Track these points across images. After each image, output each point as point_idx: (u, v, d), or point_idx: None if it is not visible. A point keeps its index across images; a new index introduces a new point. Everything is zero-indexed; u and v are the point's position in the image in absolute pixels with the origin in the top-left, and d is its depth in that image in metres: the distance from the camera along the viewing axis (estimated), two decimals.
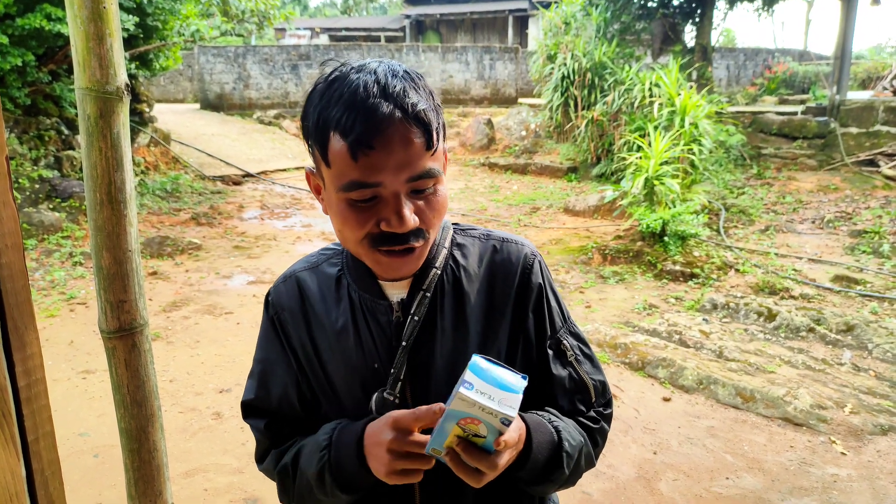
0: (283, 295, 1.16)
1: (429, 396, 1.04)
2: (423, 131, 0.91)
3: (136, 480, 1.29)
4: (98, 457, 3.40)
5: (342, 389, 1.09)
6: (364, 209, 0.93)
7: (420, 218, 0.94)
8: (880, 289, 5.93)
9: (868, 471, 3.27)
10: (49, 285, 6.05)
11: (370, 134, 0.87)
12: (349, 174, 0.90)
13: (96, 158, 1.09)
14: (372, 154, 0.88)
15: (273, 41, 25.54)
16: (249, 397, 1.17)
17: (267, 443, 1.16)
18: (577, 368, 1.13)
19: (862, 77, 17.70)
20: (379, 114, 0.87)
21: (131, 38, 8.82)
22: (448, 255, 1.10)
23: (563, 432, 1.04)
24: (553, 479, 1.03)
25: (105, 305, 1.18)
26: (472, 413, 0.82)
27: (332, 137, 0.91)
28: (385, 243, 0.94)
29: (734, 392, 4.01)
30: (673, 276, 6.44)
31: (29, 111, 8.22)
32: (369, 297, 1.07)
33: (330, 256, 1.16)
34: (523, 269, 1.11)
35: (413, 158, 0.90)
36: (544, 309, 1.12)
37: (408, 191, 0.92)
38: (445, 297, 1.08)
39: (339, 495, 1.02)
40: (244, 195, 10.71)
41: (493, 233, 1.17)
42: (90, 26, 1.02)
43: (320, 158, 0.95)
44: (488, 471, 0.88)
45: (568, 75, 12.11)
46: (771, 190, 9.89)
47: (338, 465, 1.01)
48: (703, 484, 3.19)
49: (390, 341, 1.06)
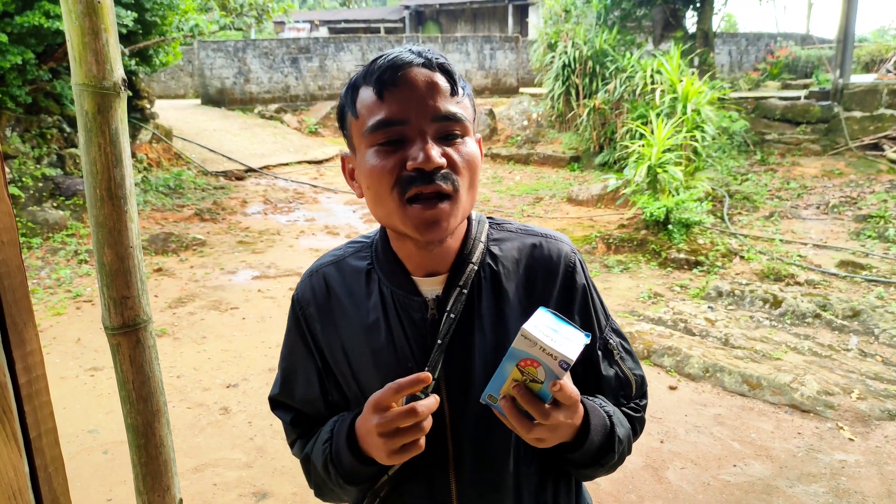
0: (309, 290, 1.12)
1: (466, 398, 1.01)
2: (447, 77, 0.94)
3: (143, 476, 1.29)
4: (107, 453, 3.42)
5: (370, 388, 1.03)
6: (391, 153, 0.92)
7: (448, 161, 0.92)
8: (886, 273, 5.90)
9: (876, 456, 3.27)
10: (55, 283, 6.07)
11: (394, 72, 0.91)
12: (376, 114, 0.92)
13: (95, 155, 1.09)
14: (397, 91, 0.91)
15: (273, 35, 25.48)
16: (275, 393, 1.17)
17: (294, 434, 1.16)
18: (622, 366, 1.12)
19: (865, 60, 17.57)
20: (402, 58, 0.92)
21: (130, 33, 8.80)
22: (485, 251, 1.07)
23: (615, 418, 1.05)
24: (603, 463, 1.03)
25: (108, 302, 1.18)
26: (533, 353, 0.83)
27: (361, 90, 0.95)
28: (413, 184, 0.91)
29: (740, 379, 4.01)
30: (677, 265, 6.42)
31: (30, 109, 8.22)
32: (402, 292, 1.03)
33: (358, 249, 1.12)
34: (566, 268, 1.09)
35: (438, 97, 0.92)
36: (590, 310, 1.10)
37: (434, 133, 0.92)
38: (483, 294, 1.04)
39: (345, 486, 1.02)
40: (247, 190, 10.71)
41: (531, 228, 1.14)
42: (85, 21, 1.01)
43: (351, 117, 0.97)
44: (541, 418, 0.87)
45: (569, 64, 12.05)
46: (775, 176, 9.84)
47: (337, 458, 1.01)
48: (710, 472, 3.19)
49: (425, 339, 1.02)
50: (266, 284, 6.19)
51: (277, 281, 6.30)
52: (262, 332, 5.04)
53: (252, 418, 3.77)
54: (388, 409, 0.89)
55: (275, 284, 6.19)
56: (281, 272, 6.57)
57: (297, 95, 17.67)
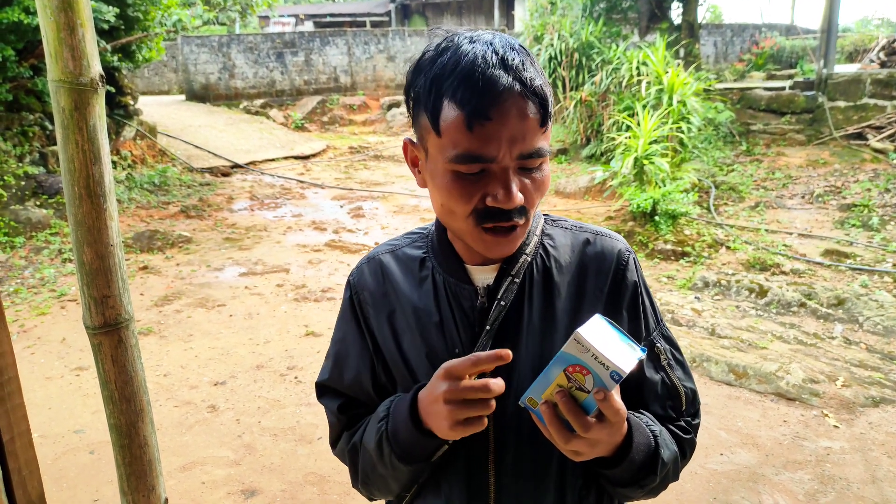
0: (365, 275, 1.13)
1: (510, 387, 0.98)
2: (540, 107, 0.89)
3: (127, 476, 1.28)
4: (94, 453, 3.40)
5: (419, 372, 1.05)
6: (471, 182, 0.90)
7: (524, 196, 0.91)
8: (870, 262, 5.96)
9: (861, 442, 3.31)
10: (39, 283, 6.01)
11: (488, 104, 0.85)
12: (462, 144, 0.88)
13: (73, 152, 1.07)
14: (488, 125, 0.86)
15: (257, 29, 25.29)
16: (324, 378, 1.17)
17: (339, 426, 1.15)
18: (670, 374, 1.09)
19: (849, 50, 17.71)
20: (499, 85, 0.85)
21: (112, 29, 8.70)
22: (538, 244, 1.08)
23: (660, 438, 1.02)
24: (643, 485, 1.01)
25: (89, 301, 1.16)
26: (583, 360, 0.80)
27: (447, 105, 0.88)
28: (490, 219, 0.91)
29: (727, 369, 4.04)
30: (664, 256, 6.46)
31: (11, 107, 8.11)
32: (454, 280, 1.05)
33: (415, 240, 1.14)
34: (617, 265, 1.08)
35: (527, 134, 0.88)
36: (639, 309, 1.08)
37: (516, 167, 0.90)
38: (534, 286, 1.04)
39: (398, 466, 1.00)
40: (233, 186, 10.64)
41: (585, 225, 1.14)
42: (60, 16, 0.99)
43: (429, 127, 0.92)
44: (581, 431, 0.85)
45: (555, 56, 12.04)
46: (760, 166, 9.91)
47: (394, 434, 0.99)
48: (697, 461, 3.22)
49: (473, 327, 1.03)
50: (253, 281, 6.16)
51: (264, 277, 6.27)
52: (250, 329, 5.02)
53: (240, 416, 3.76)
54: (460, 379, 0.88)
55: (262, 281, 6.17)
56: (268, 268, 6.54)
57: (282, 90, 17.55)
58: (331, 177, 11.64)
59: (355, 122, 17.00)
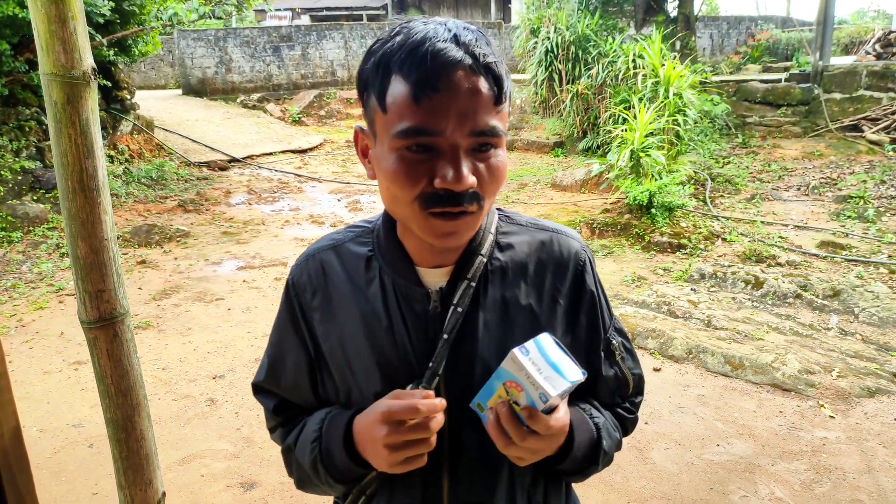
0: (305, 275, 1.06)
1: (467, 394, 0.97)
2: (494, 82, 0.84)
3: (125, 470, 1.29)
4: (93, 447, 3.40)
5: (365, 380, 1.00)
6: (418, 162, 0.84)
7: (478, 180, 0.85)
8: (865, 253, 5.98)
9: (856, 433, 3.33)
10: (37, 277, 6.01)
11: (436, 75, 0.80)
12: (408, 118, 0.82)
13: (66, 146, 1.07)
14: (436, 97, 0.80)
15: (254, 23, 25.18)
16: (259, 379, 1.13)
17: (274, 422, 1.13)
18: (622, 366, 1.11)
19: (845, 42, 17.68)
20: (448, 56, 0.80)
21: (108, 23, 8.66)
22: (494, 243, 1.02)
23: (603, 430, 1.04)
24: (586, 473, 1.04)
25: (83, 296, 1.17)
26: (518, 377, 0.82)
27: (394, 80, 0.83)
28: (439, 204, 0.84)
29: (723, 360, 4.05)
30: (661, 248, 6.46)
31: (7, 102, 8.08)
32: (404, 282, 0.98)
33: (358, 234, 1.07)
34: (576, 266, 1.05)
35: (479, 109, 0.82)
36: (598, 311, 1.08)
37: (468, 147, 0.84)
38: (490, 288, 1.00)
39: (335, 485, 1.00)
40: (231, 180, 10.62)
41: (541, 222, 1.10)
42: (51, 8, 0.99)
43: (376, 105, 0.86)
44: (517, 440, 0.86)
45: (552, 49, 12.02)
46: (756, 158, 9.91)
47: (328, 458, 0.98)
48: (694, 452, 3.23)
49: (426, 333, 0.97)
50: (251, 275, 6.16)
51: (262, 271, 6.27)
52: (248, 323, 5.02)
53: (239, 409, 3.77)
54: (402, 424, 0.86)
55: (260, 275, 6.17)
56: (266, 262, 6.54)
57: (279, 84, 17.50)
58: (328, 170, 11.63)
59: (352, 116, 16.96)
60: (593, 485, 2.99)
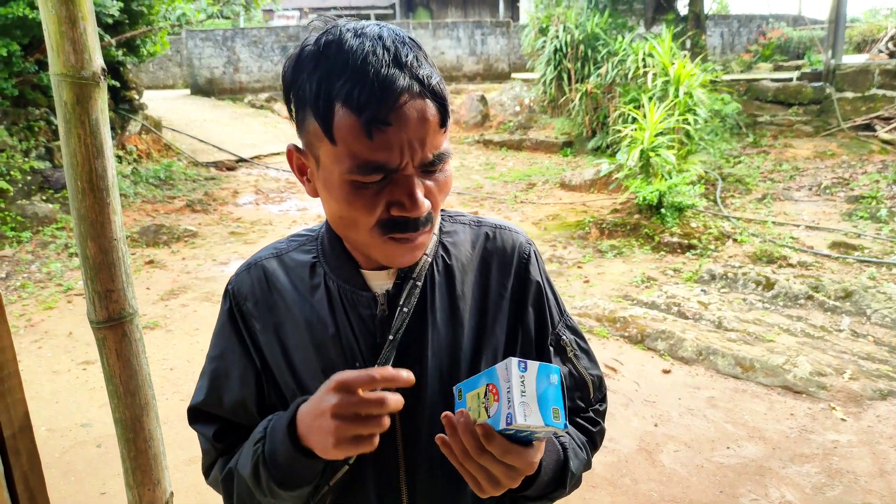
0: (247, 284, 1.02)
1: (419, 398, 0.95)
2: (439, 107, 0.83)
3: (133, 470, 1.29)
4: (101, 447, 3.41)
5: (312, 389, 0.90)
6: (373, 192, 0.83)
7: (430, 200, 0.85)
8: (878, 254, 5.92)
9: (868, 436, 3.29)
10: (46, 277, 6.03)
11: (387, 109, 0.78)
12: (362, 154, 0.80)
13: (76, 146, 1.07)
14: (388, 131, 0.79)
15: (261, 23, 25.25)
16: (198, 400, 1.04)
17: (215, 453, 1.03)
18: (577, 364, 1.07)
19: (857, 40, 17.54)
20: (396, 86, 0.78)
21: (117, 23, 8.70)
22: (438, 242, 1.02)
23: (570, 450, 0.98)
24: (552, 498, 0.98)
25: (93, 295, 1.16)
26: (500, 386, 0.78)
27: (340, 110, 0.79)
28: (397, 230, 0.85)
29: (734, 362, 4.02)
30: (671, 248, 6.43)
31: (17, 102, 8.13)
32: (349, 287, 0.96)
33: (302, 243, 1.04)
34: (519, 259, 1.04)
35: (428, 136, 0.82)
36: (544, 303, 1.05)
37: (420, 171, 0.84)
38: (436, 287, 0.99)
39: (278, 493, 0.88)
40: (238, 180, 10.65)
41: (484, 219, 1.09)
42: (61, 9, 0.99)
43: (321, 135, 0.83)
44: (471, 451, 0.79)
45: (560, 48, 11.99)
46: (767, 158, 9.85)
47: (272, 456, 0.88)
48: (704, 454, 3.21)
49: (374, 337, 0.95)
50: None
51: None
52: None
53: None
54: (353, 393, 0.78)
55: None
56: None
57: None
58: None
59: None
60: (602, 486, 2.97)
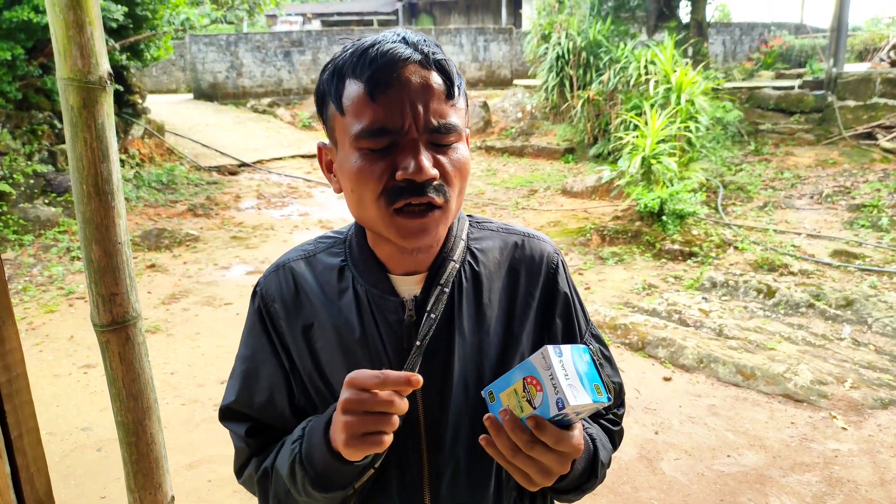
0: (275, 285, 1.04)
1: (443, 404, 0.96)
2: (444, 78, 0.87)
3: (134, 473, 1.29)
4: (101, 451, 3.41)
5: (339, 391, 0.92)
6: (379, 158, 0.85)
7: (441, 172, 0.86)
8: (879, 263, 5.92)
9: (869, 445, 3.29)
10: (47, 281, 6.04)
11: (388, 72, 0.83)
12: (366, 116, 0.84)
13: (81, 150, 1.07)
14: (390, 93, 0.83)
15: (265, 28, 25.34)
16: (230, 400, 1.05)
17: (248, 451, 1.05)
18: (601, 373, 1.09)
19: (859, 49, 17.59)
20: (397, 55, 0.84)
21: (121, 28, 8.73)
22: (465, 249, 1.02)
23: (598, 441, 1.00)
24: (585, 489, 0.99)
25: (97, 299, 1.17)
26: (541, 376, 0.79)
27: (348, 83, 0.86)
28: (402, 196, 0.85)
29: (734, 370, 4.02)
30: (672, 256, 6.43)
31: (21, 105, 8.15)
32: (377, 292, 0.97)
33: (329, 245, 1.05)
34: (548, 269, 1.05)
35: (431, 102, 0.85)
36: (572, 314, 1.06)
37: (427, 141, 0.86)
38: (464, 294, 0.99)
39: (312, 493, 0.90)
40: (240, 185, 10.67)
41: (512, 227, 1.09)
42: (69, 14, 1.00)
43: (334, 111, 0.89)
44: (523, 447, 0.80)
45: (563, 55, 12.02)
46: (769, 166, 9.86)
47: (309, 457, 0.90)
48: (704, 462, 3.20)
49: (401, 342, 0.96)
50: None
51: None
52: None
53: None
54: (364, 391, 0.80)
55: None
56: None
57: (290, 89, 17.58)
58: None
59: None
60: (602, 494, 2.97)
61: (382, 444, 0.80)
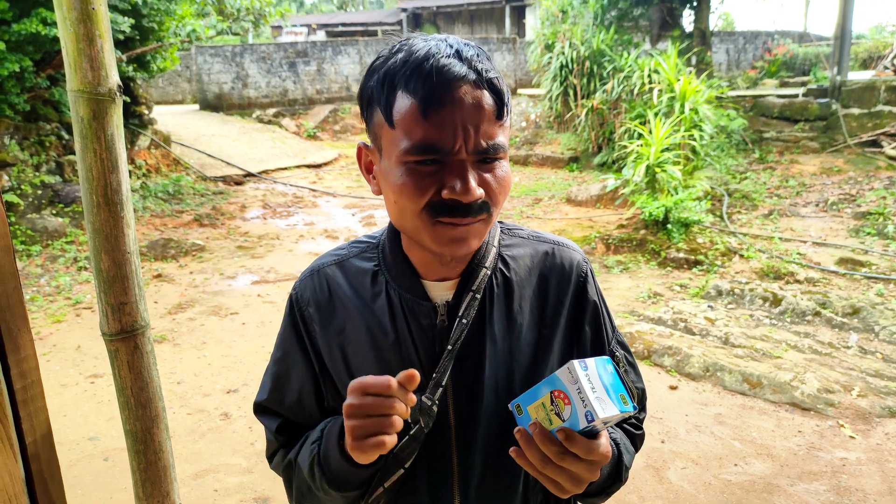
0: (309, 289, 1.05)
1: (474, 408, 0.97)
2: (496, 98, 0.87)
3: (142, 482, 1.29)
4: (108, 460, 3.42)
5: None
6: (425, 175, 0.85)
7: (485, 191, 0.87)
8: (886, 270, 5.90)
9: (877, 453, 3.27)
10: (55, 291, 6.07)
11: (442, 90, 0.83)
12: (417, 133, 0.84)
13: (91, 161, 1.09)
14: (442, 112, 0.83)
15: (270, 39, 25.50)
16: (262, 398, 1.10)
17: (277, 444, 1.09)
18: (625, 379, 1.09)
19: (863, 57, 17.60)
20: (452, 73, 0.83)
21: (128, 39, 8.81)
22: (497, 255, 1.03)
23: (622, 444, 1.03)
24: (609, 492, 1.02)
25: (106, 308, 1.18)
26: (569, 390, 0.81)
27: (399, 95, 0.85)
28: (447, 213, 0.86)
29: (741, 378, 4.00)
30: (677, 264, 6.42)
31: (29, 117, 8.22)
32: (410, 296, 0.99)
33: (363, 250, 1.07)
34: (577, 278, 1.06)
35: (483, 123, 0.85)
36: (601, 322, 1.08)
37: (474, 160, 0.86)
38: (495, 300, 1.00)
39: (330, 493, 0.94)
40: (246, 195, 10.71)
41: (542, 234, 1.11)
42: (80, 28, 1.01)
43: (382, 121, 0.88)
44: (554, 458, 0.81)
45: (566, 64, 12.06)
46: (774, 174, 9.85)
47: (326, 458, 0.94)
48: (711, 471, 3.19)
49: (433, 346, 0.98)
50: (266, 289, 6.19)
51: (277, 286, 6.30)
52: (262, 338, 5.04)
53: (253, 423, 3.77)
54: (367, 395, 0.82)
55: (274, 289, 6.19)
56: (280, 277, 6.57)
57: (295, 99, 17.67)
58: (343, 185, 11.69)
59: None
60: None
61: (384, 446, 0.82)
